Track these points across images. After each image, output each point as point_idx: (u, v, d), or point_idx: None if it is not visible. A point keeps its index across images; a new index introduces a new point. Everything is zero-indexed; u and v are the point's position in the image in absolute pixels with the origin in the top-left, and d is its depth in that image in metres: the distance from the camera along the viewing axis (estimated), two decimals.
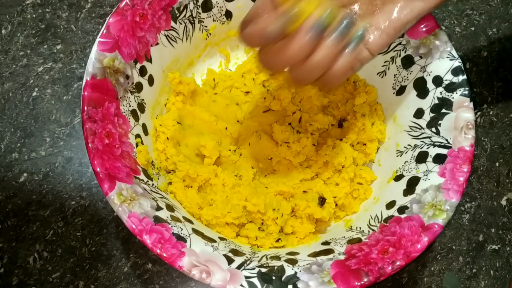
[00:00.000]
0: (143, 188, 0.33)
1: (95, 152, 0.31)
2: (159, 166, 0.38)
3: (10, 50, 0.47)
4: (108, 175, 0.31)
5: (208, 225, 0.37)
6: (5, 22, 0.48)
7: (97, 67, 0.33)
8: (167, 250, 0.29)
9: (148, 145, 0.37)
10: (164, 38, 0.39)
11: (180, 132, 0.40)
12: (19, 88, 0.46)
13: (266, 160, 0.41)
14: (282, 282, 0.30)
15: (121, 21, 0.35)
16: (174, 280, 0.40)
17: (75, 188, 0.43)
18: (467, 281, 0.42)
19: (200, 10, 0.40)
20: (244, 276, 0.30)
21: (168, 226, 0.31)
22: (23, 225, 0.41)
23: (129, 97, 0.36)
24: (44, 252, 0.41)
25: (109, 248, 0.41)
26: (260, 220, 0.38)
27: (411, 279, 0.41)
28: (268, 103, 0.42)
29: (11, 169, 0.43)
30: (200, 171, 0.38)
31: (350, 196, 0.39)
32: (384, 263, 0.30)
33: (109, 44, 0.34)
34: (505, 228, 0.44)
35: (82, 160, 0.44)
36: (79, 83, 0.46)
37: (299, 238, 0.38)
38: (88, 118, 0.32)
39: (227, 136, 0.42)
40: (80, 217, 0.42)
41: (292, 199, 0.39)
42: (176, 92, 0.41)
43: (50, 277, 0.40)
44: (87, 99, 0.32)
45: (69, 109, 0.46)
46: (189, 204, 0.37)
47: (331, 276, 0.30)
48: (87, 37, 0.48)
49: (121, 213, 0.30)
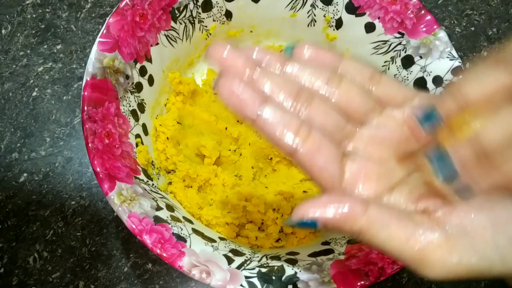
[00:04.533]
0: (143, 188, 0.33)
1: (95, 152, 0.31)
2: (159, 166, 0.38)
3: (10, 50, 0.47)
4: (108, 175, 0.31)
5: (208, 225, 0.37)
6: (5, 22, 0.48)
7: (97, 67, 0.33)
8: (167, 250, 0.29)
9: (148, 145, 0.37)
10: (164, 38, 0.39)
11: (180, 132, 0.40)
12: (19, 88, 0.46)
13: (266, 160, 0.41)
14: (282, 282, 0.30)
15: (121, 21, 0.35)
16: (174, 280, 0.40)
17: (75, 188, 0.43)
18: (467, 281, 0.42)
19: (200, 10, 0.40)
20: (244, 276, 0.30)
21: (168, 226, 0.31)
22: (23, 225, 0.41)
23: (129, 97, 0.36)
24: (44, 252, 0.41)
25: (109, 248, 0.41)
26: (260, 220, 0.38)
27: (411, 279, 0.41)
28: None
29: (11, 169, 0.43)
30: (200, 171, 0.38)
31: None
32: (384, 263, 0.30)
33: (109, 44, 0.34)
34: None
35: (82, 160, 0.44)
36: (79, 83, 0.46)
37: (299, 238, 0.38)
38: (88, 118, 0.32)
39: (227, 136, 0.42)
40: (80, 217, 0.42)
41: (292, 199, 0.39)
42: (176, 92, 0.41)
43: (50, 277, 0.40)
44: (87, 99, 0.32)
45: (69, 109, 0.46)
46: (189, 204, 0.37)
47: (331, 276, 0.30)
48: (87, 37, 0.48)
49: (121, 213, 0.30)
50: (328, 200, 0.19)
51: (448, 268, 0.18)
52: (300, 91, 0.21)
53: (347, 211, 0.19)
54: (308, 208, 0.19)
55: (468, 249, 0.18)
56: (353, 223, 0.19)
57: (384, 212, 0.19)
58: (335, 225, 0.19)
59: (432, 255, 0.18)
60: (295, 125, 0.20)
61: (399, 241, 0.18)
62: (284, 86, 0.21)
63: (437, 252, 0.18)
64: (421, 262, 0.18)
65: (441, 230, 0.18)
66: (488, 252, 0.18)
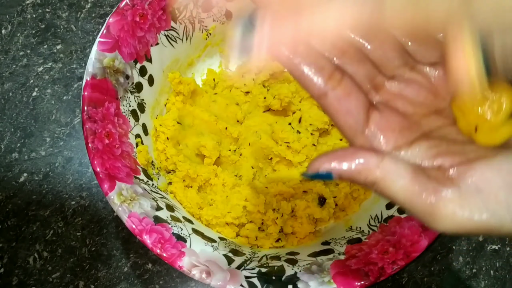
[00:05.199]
0: (143, 188, 0.33)
1: (95, 152, 0.31)
2: (159, 166, 0.38)
3: (10, 50, 0.47)
4: (108, 175, 0.31)
5: (208, 225, 0.37)
6: (5, 22, 0.48)
7: (97, 67, 0.33)
8: (167, 250, 0.29)
9: (148, 145, 0.37)
10: (164, 38, 0.39)
11: (180, 132, 0.40)
12: (19, 88, 0.46)
13: (266, 160, 0.41)
14: (282, 282, 0.30)
15: (121, 21, 0.35)
16: (174, 280, 0.40)
17: (75, 188, 0.43)
18: (467, 281, 0.42)
19: (200, 10, 0.40)
20: (244, 276, 0.30)
21: (168, 226, 0.31)
22: (23, 225, 0.41)
23: (129, 97, 0.36)
24: (44, 252, 0.41)
25: (109, 248, 0.41)
26: (260, 220, 0.38)
27: (411, 279, 0.41)
28: (268, 103, 0.42)
29: (11, 169, 0.43)
30: (200, 171, 0.38)
31: (350, 197, 0.39)
32: (384, 263, 0.30)
33: (109, 44, 0.34)
34: None
35: (82, 160, 0.44)
36: (79, 83, 0.46)
37: (299, 238, 0.38)
38: (88, 118, 0.32)
39: (227, 136, 0.42)
40: (80, 217, 0.42)
41: (292, 199, 0.39)
42: (176, 92, 0.41)
43: (50, 277, 0.40)
44: (87, 99, 0.32)
45: (69, 109, 0.46)
46: (189, 204, 0.37)
47: (331, 276, 0.30)
48: (87, 37, 0.48)
49: (121, 213, 0.30)
50: (344, 152, 0.20)
51: (458, 222, 0.18)
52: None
53: (362, 162, 0.19)
54: (324, 160, 0.20)
55: (480, 206, 0.18)
56: (367, 174, 0.19)
57: (399, 165, 0.19)
58: (350, 177, 0.19)
59: (443, 208, 0.18)
60: (329, 70, 0.20)
61: (412, 194, 0.19)
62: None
63: (449, 206, 0.18)
64: (432, 215, 0.19)
65: (455, 187, 0.19)
66: (500, 211, 0.18)
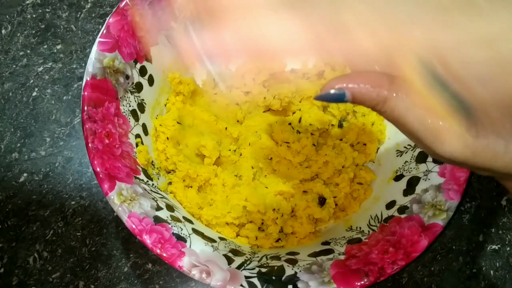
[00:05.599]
0: (143, 188, 0.33)
1: (95, 152, 0.31)
2: (159, 166, 0.38)
3: (10, 50, 0.47)
4: (108, 175, 0.31)
5: (208, 225, 0.37)
6: (5, 22, 0.48)
7: (97, 67, 0.33)
8: (167, 250, 0.29)
9: (148, 145, 0.37)
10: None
11: (180, 132, 0.40)
12: (19, 88, 0.46)
13: (266, 160, 0.41)
14: (282, 282, 0.30)
15: (121, 21, 0.35)
16: (174, 280, 0.40)
17: (75, 188, 0.43)
18: (467, 281, 0.42)
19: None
20: (244, 276, 0.30)
21: (168, 226, 0.31)
22: (23, 225, 0.41)
23: (129, 97, 0.36)
24: (44, 252, 0.41)
25: (109, 248, 0.41)
26: (260, 220, 0.38)
27: (411, 279, 0.41)
28: (268, 103, 0.42)
29: (11, 169, 0.43)
30: (200, 171, 0.38)
31: (350, 196, 0.39)
32: (384, 263, 0.30)
33: (109, 44, 0.34)
34: (505, 228, 0.44)
35: (82, 160, 0.44)
36: (79, 83, 0.46)
37: (299, 238, 0.38)
38: (88, 118, 0.32)
39: (227, 136, 0.42)
40: (80, 217, 0.42)
41: (292, 199, 0.39)
42: (176, 92, 0.41)
43: (50, 277, 0.40)
44: (87, 99, 0.32)
45: (69, 109, 0.46)
46: (189, 204, 0.37)
47: (331, 276, 0.30)
48: (87, 37, 0.48)
49: (121, 213, 0.30)
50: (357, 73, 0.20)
51: (464, 143, 0.18)
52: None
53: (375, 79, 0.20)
54: (337, 80, 0.20)
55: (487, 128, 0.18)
56: (380, 90, 0.19)
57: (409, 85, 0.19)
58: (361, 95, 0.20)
59: (450, 128, 0.18)
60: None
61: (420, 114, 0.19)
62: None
63: (456, 128, 0.18)
64: (437, 137, 0.19)
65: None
66: (507, 136, 0.18)
